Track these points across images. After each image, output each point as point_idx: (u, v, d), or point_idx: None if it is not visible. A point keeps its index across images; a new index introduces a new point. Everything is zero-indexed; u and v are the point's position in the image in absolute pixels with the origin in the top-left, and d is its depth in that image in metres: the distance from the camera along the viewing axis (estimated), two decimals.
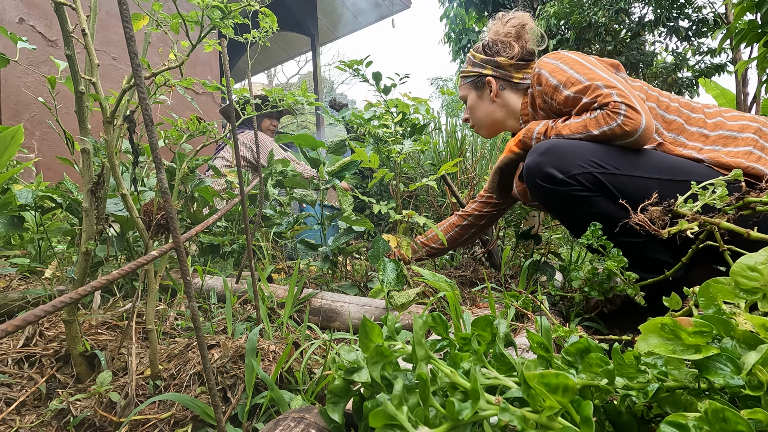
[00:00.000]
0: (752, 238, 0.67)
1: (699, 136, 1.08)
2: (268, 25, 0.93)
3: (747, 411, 0.33)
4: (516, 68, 1.32)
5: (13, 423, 0.69)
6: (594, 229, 0.93)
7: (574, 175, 1.00)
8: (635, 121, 0.97)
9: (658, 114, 1.11)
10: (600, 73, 1.07)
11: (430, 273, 1.04)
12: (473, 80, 1.38)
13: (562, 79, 1.10)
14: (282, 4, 6.12)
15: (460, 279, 1.54)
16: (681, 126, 1.10)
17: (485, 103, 1.38)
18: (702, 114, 1.11)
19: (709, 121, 1.10)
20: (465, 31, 7.72)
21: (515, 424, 0.37)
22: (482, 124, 1.42)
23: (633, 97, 1.00)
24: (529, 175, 1.08)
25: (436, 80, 18.64)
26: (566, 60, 1.13)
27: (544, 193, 1.06)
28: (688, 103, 1.14)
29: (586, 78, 1.06)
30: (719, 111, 1.12)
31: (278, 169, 1.65)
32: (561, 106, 1.13)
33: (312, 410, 0.54)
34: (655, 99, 1.13)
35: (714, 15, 4.97)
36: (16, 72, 2.90)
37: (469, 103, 1.42)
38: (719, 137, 1.06)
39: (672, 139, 1.09)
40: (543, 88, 1.16)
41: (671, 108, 1.12)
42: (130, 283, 1.24)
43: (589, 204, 1.02)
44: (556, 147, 1.04)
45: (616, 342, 0.61)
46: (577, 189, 1.01)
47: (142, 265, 0.47)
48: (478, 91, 1.38)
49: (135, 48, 0.47)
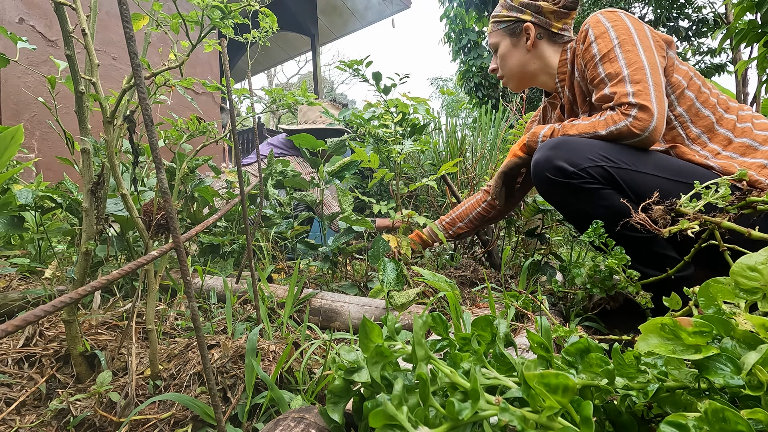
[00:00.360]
0: (753, 237, 0.67)
1: (723, 139, 1.06)
2: (268, 25, 0.93)
3: (747, 411, 0.33)
4: (557, 16, 1.24)
5: (13, 423, 0.69)
6: (596, 227, 0.93)
7: (585, 168, 1.00)
8: (643, 123, 0.98)
9: (693, 105, 1.08)
10: (640, 58, 1.03)
11: (430, 273, 1.04)
12: (509, 26, 1.29)
13: (604, 49, 1.07)
14: (282, 4, 6.12)
15: (460, 279, 1.54)
16: (711, 124, 1.07)
17: (520, 52, 1.29)
18: (735, 116, 1.09)
19: (738, 125, 1.07)
20: (465, 31, 7.72)
21: (515, 424, 0.37)
22: (513, 75, 1.34)
23: (653, 96, 0.99)
24: (537, 169, 1.07)
25: (436, 80, 18.64)
26: (618, 27, 1.07)
27: (555, 186, 1.05)
28: (726, 102, 1.10)
29: (624, 61, 1.03)
30: (751, 116, 1.09)
31: (278, 169, 1.65)
32: (589, 81, 1.11)
33: (312, 410, 0.54)
34: (697, 89, 1.09)
35: (714, 15, 4.97)
36: (16, 72, 2.90)
37: (501, 51, 1.33)
38: (741, 145, 1.05)
39: (695, 136, 1.07)
40: (584, 52, 1.12)
41: (709, 103, 1.09)
42: (130, 283, 1.24)
43: (599, 196, 1.01)
44: (565, 142, 1.04)
45: (616, 342, 0.61)
46: (588, 181, 1.01)
47: (142, 265, 0.47)
48: (513, 38, 1.29)
49: (135, 48, 0.47)
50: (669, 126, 1.09)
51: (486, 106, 3.58)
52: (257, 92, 2.38)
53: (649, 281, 0.94)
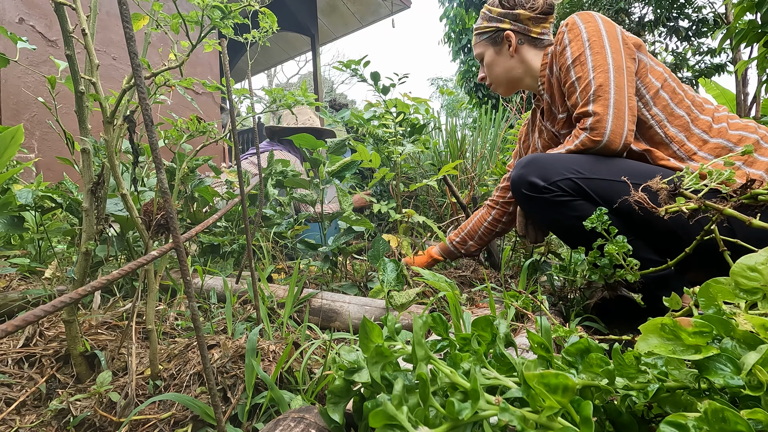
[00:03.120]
0: (754, 225, 0.67)
1: (698, 140, 1.08)
2: (268, 25, 0.93)
3: (747, 411, 0.33)
4: (535, 22, 1.30)
5: (13, 423, 0.69)
6: (599, 214, 0.92)
7: (555, 182, 1.06)
8: (599, 130, 1.06)
9: (668, 105, 1.11)
10: (606, 60, 1.07)
11: (430, 273, 1.04)
12: (490, 35, 1.34)
13: (576, 52, 1.11)
14: (282, 4, 6.12)
15: (460, 279, 1.54)
16: (686, 124, 1.10)
17: (503, 59, 1.34)
18: (710, 117, 1.11)
19: (714, 126, 1.09)
20: (465, 31, 7.73)
21: (515, 424, 0.37)
22: (500, 82, 1.39)
23: (612, 100, 1.04)
24: (515, 187, 1.14)
25: (436, 80, 18.64)
26: (590, 29, 1.11)
27: (531, 201, 1.11)
28: (702, 104, 1.13)
29: (593, 67, 1.08)
30: (726, 116, 1.12)
31: (278, 169, 1.65)
32: (563, 83, 1.15)
33: (312, 410, 0.54)
34: (671, 90, 1.12)
35: (714, 15, 4.98)
36: (16, 72, 2.90)
37: (486, 60, 1.38)
38: (716, 146, 1.06)
39: (673, 135, 1.09)
40: (559, 56, 1.16)
41: (683, 104, 1.11)
42: (130, 283, 1.24)
43: (571, 208, 1.06)
44: (536, 159, 1.11)
45: (616, 342, 0.61)
46: (559, 194, 1.06)
47: (142, 265, 0.47)
48: (496, 47, 1.35)
49: (135, 48, 0.47)
50: (646, 125, 1.11)
51: (486, 106, 3.58)
52: (257, 92, 2.40)
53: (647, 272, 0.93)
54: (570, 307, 1.14)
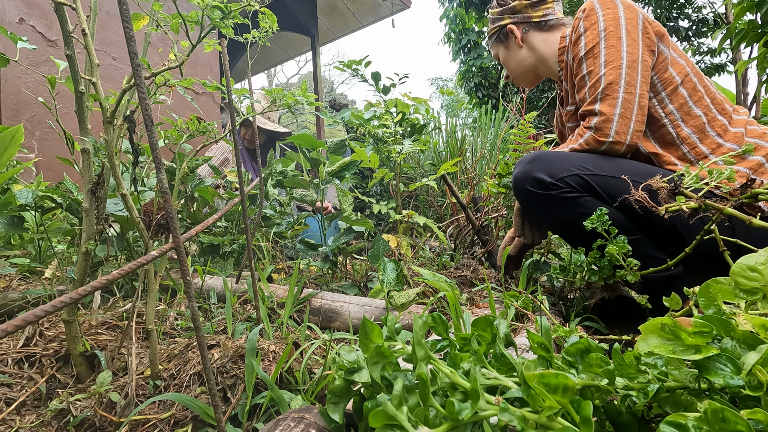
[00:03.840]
0: (754, 225, 0.67)
1: (711, 143, 1.05)
2: (268, 25, 0.93)
3: (747, 411, 0.33)
4: (533, 6, 1.30)
5: (13, 423, 0.69)
6: (600, 214, 0.92)
7: (563, 178, 1.04)
8: (603, 131, 1.04)
9: (686, 104, 1.07)
10: (621, 56, 1.04)
11: (430, 273, 1.04)
12: (497, 35, 1.37)
13: (590, 43, 1.08)
14: (282, 4, 6.12)
15: (460, 279, 1.54)
16: (702, 125, 1.06)
17: (514, 53, 1.36)
18: (727, 120, 1.07)
19: (731, 129, 1.06)
20: (465, 31, 7.72)
21: (515, 424, 0.37)
22: (517, 75, 1.41)
23: (620, 98, 1.02)
24: (517, 184, 1.11)
25: (436, 80, 18.64)
26: (609, 18, 1.07)
27: (535, 198, 1.08)
28: (722, 103, 1.08)
29: (605, 62, 1.05)
30: (745, 121, 1.07)
31: (278, 169, 1.65)
32: (574, 77, 1.14)
33: (312, 410, 0.54)
34: (691, 87, 1.07)
35: (714, 15, 4.98)
36: (16, 72, 2.90)
37: (501, 58, 1.41)
38: (729, 152, 1.02)
39: (686, 136, 1.06)
40: (573, 45, 1.14)
41: (702, 102, 1.07)
42: (130, 283, 1.24)
43: (578, 204, 1.03)
44: (541, 156, 1.09)
45: (616, 342, 0.61)
46: (567, 191, 1.04)
47: (142, 265, 0.47)
48: (504, 43, 1.37)
49: (135, 48, 0.47)
50: (658, 124, 1.08)
51: (486, 106, 3.58)
52: (257, 92, 2.40)
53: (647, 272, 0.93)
54: (570, 307, 1.14)
